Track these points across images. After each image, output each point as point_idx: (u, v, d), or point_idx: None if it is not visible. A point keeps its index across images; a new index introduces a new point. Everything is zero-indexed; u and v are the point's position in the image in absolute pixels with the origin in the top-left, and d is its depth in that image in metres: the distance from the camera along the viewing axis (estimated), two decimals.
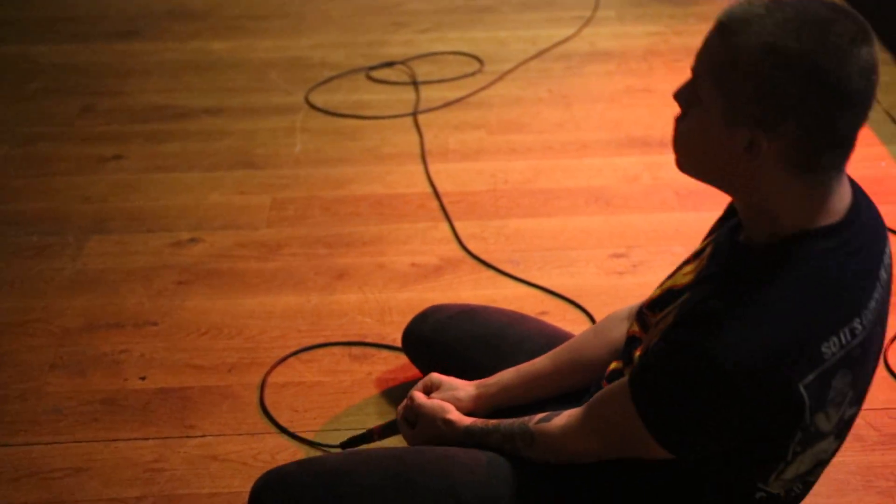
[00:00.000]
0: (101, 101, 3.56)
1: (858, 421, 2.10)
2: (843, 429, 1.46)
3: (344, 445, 2.05)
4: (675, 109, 1.41)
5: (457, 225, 2.83)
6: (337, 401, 2.25)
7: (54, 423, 2.20)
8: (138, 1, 4.39)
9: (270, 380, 2.30)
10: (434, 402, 1.82)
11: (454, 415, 1.79)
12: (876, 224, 1.43)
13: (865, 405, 2.13)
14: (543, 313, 2.47)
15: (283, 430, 2.16)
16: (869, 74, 1.27)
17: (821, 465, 1.49)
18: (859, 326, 1.35)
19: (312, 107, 3.51)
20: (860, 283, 1.37)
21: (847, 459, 2.07)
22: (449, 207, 2.90)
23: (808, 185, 1.33)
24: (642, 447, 1.45)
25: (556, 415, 1.62)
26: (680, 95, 1.40)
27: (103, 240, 2.81)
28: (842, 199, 1.36)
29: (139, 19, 4.22)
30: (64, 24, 4.19)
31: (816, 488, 1.98)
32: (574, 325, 2.39)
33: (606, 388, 1.55)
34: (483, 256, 2.70)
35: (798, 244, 1.35)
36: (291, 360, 2.37)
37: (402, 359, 2.27)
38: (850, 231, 1.36)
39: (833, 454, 1.50)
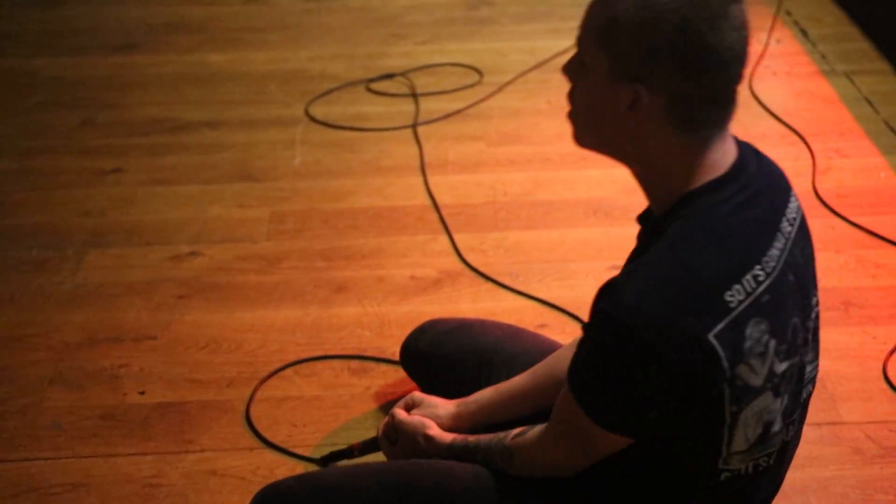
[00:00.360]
0: (100, 115, 3.56)
1: (857, 434, 2.14)
2: (780, 385, 1.44)
3: (324, 460, 2.05)
4: None
5: (456, 237, 2.83)
6: (336, 415, 2.24)
7: (53, 438, 2.19)
8: (137, 14, 4.40)
9: (269, 394, 2.30)
10: (414, 419, 1.83)
11: (435, 430, 1.80)
12: (772, 180, 1.49)
13: (864, 418, 2.17)
14: (543, 326, 2.47)
15: (268, 443, 2.15)
16: (740, 29, 1.35)
17: (770, 427, 1.46)
18: (761, 273, 1.38)
19: (312, 119, 3.51)
20: (755, 231, 1.40)
21: (846, 473, 2.07)
22: (448, 220, 2.90)
23: (691, 143, 1.39)
24: (595, 438, 1.46)
25: (532, 428, 1.63)
26: (568, 69, 1.47)
27: (102, 254, 2.81)
28: (725, 155, 1.41)
29: (138, 32, 4.23)
30: (63, 37, 4.19)
31: (814, 502, 2.00)
32: (573, 337, 2.38)
33: (562, 390, 1.55)
34: (482, 269, 2.70)
35: (686, 202, 1.40)
36: (290, 374, 2.36)
37: (402, 373, 2.27)
38: (736, 183, 1.40)
39: (785, 417, 1.48)
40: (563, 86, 1.49)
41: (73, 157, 3.30)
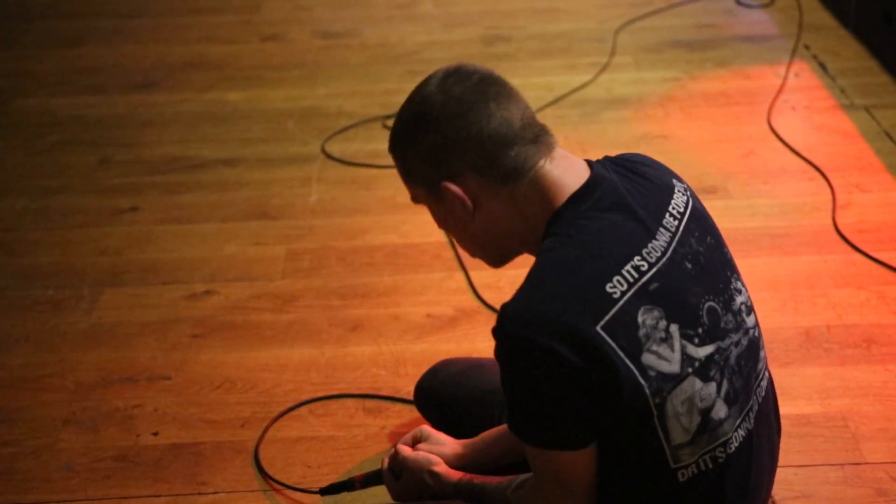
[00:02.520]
0: (117, 153, 3.57)
1: (881, 475, 2.10)
2: (707, 369, 1.46)
3: (324, 492, 2.03)
4: (692, 156, 1.42)
5: (472, 275, 2.81)
6: (350, 455, 2.22)
7: (66, 480, 2.18)
8: (155, 52, 4.42)
9: (283, 434, 2.28)
10: (420, 455, 1.83)
11: (441, 468, 1.80)
12: (648, 181, 1.56)
13: (888, 458, 2.14)
14: None
15: (277, 483, 2.13)
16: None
17: (710, 414, 1.47)
18: (644, 263, 1.44)
19: (328, 156, 3.51)
20: (629, 228, 1.47)
21: None
22: (464, 257, 2.89)
23: (527, 183, 1.51)
24: (559, 466, 1.49)
25: (529, 478, 1.62)
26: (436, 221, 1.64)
27: (118, 293, 2.80)
28: (574, 175, 1.51)
29: (156, 71, 4.24)
30: (82, 76, 4.21)
31: None
32: None
33: None
34: (499, 307, 2.67)
35: (552, 222, 1.50)
36: (305, 413, 2.34)
37: (417, 412, 2.24)
38: (595, 193, 1.49)
39: (730, 402, 1.49)
40: (580, 122, 1.53)
41: (90, 196, 3.30)
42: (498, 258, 1.66)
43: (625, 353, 1.39)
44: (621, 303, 1.41)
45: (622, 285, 1.42)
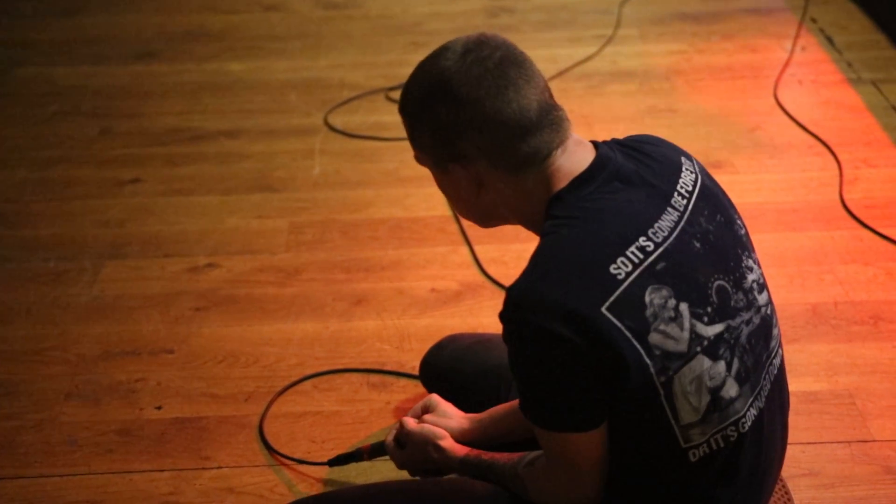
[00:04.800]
0: (118, 124, 3.53)
1: (888, 452, 2.09)
2: (717, 348, 1.45)
3: (332, 463, 2.03)
4: (698, 130, 1.41)
5: (477, 249, 2.79)
6: (355, 431, 2.21)
7: (69, 454, 2.17)
8: (156, 22, 4.38)
9: (287, 409, 2.27)
10: (426, 427, 1.82)
11: (447, 442, 1.79)
12: (656, 161, 1.54)
13: (894, 436, 2.11)
14: None
15: (283, 457, 2.12)
16: (523, 88, 1.46)
17: (720, 393, 1.46)
18: (650, 244, 1.42)
19: (331, 128, 3.48)
20: (635, 209, 1.45)
21: (879, 493, 2.02)
22: (469, 231, 2.86)
23: (535, 173, 1.47)
24: (569, 447, 1.48)
25: (541, 456, 1.60)
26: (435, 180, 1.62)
27: (120, 265, 2.78)
28: (580, 160, 1.49)
29: (156, 41, 4.20)
30: (82, 45, 4.17)
31: None
32: None
33: None
34: (504, 281, 2.66)
35: (553, 204, 1.48)
36: (309, 388, 2.33)
37: (422, 387, 2.22)
38: (601, 175, 1.47)
39: (741, 382, 1.48)
40: (585, 95, 1.51)
41: (91, 167, 3.28)
42: (489, 224, 1.65)
43: (631, 333, 1.38)
44: (626, 283, 1.39)
45: (627, 266, 1.40)
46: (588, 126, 3.42)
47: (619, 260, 1.40)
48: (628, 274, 1.40)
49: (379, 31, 4.26)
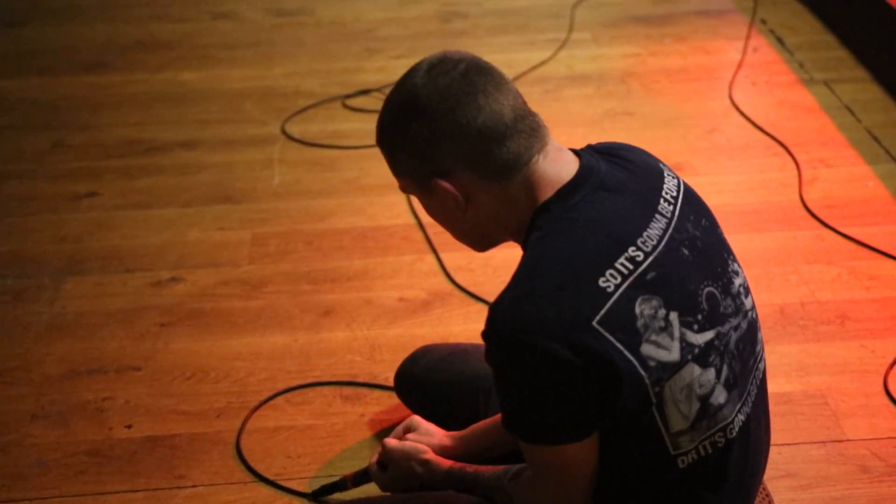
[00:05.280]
0: (71, 136, 3.48)
1: (863, 451, 2.11)
2: (707, 355, 1.44)
3: (316, 494, 2.00)
4: (657, 132, 1.40)
5: (443, 257, 2.78)
6: (331, 445, 2.18)
7: (38, 477, 2.12)
8: (105, 32, 4.31)
9: (260, 424, 2.24)
10: (408, 444, 1.81)
11: (431, 456, 1.78)
12: (639, 168, 1.54)
13: (869, 435, 2.14)
14: None
15: (261, 478, 2.09)
16: (494, 95, 1.45)
17: (709, 400, 1.46)
18: (639, 254, 1.41)
19: (289, 137, 3.45)
20: (622, 218, 1.44)
21: (856, 493, 2.03)
22: (434, 238, 2.85)
23: (518, 179, 1.46)
24: (556, 460, 1.46)
25: (525, 467, 1.59)
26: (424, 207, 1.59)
27: (81, 281, 2.73)
28: (564, 167, 1.47)
29: (107, 51, 4.14)
30: (29, 58, 4.10)
31: None
32: None
33: None
34: (472, 289, 2.65)
35: (539, 214, 1.46)
36: (281, 402, 2.30)
37: (395, 398, 2.21)
38: (586, 184, 1.46)
39: (730, 388, 1.48)
40: (543, 99, 1.51)
41: (45, 181, 3.22)
42: (485, 245, 1.62)
43: (624, 346, 1.37)
44: (616, 296, 1.38)
45: (616, 278, 1.39)
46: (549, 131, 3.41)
47: (607, 272, 1.39)
48: (617, 286, 1.38)
49: (332, 38, 4.24)
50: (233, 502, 2.05)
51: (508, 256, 2.75)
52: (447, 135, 1.45)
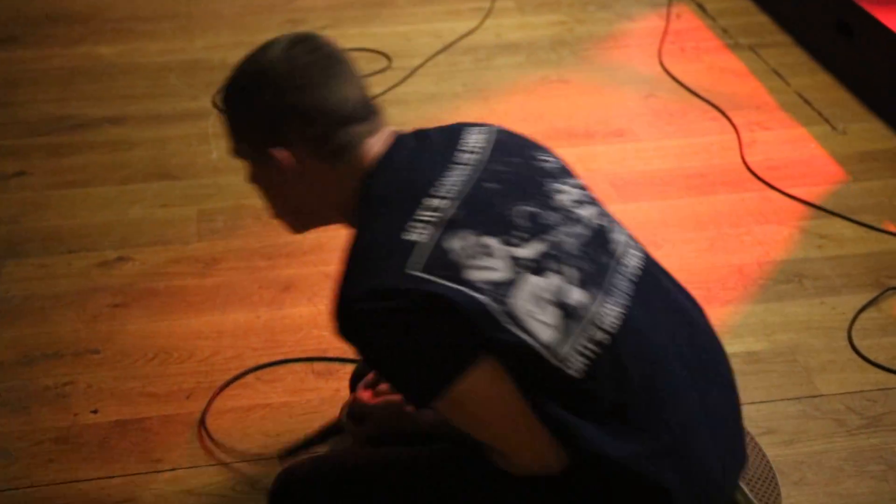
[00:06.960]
0: None
1: (837, 405, 2.15)
2: (540, 264, 1.49)
3: (283, 456, 1.96)
4: (594, 98, 1.41)
5: None
6: (309, 421, 2.13)
7: (5, 467, 2.03)
8: (12, 4, 4.13)
9: (234, 404, 2.18)
10: (389, 398, 1.80)
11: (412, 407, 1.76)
12: (440, 132, 1.65)
13: (841, 389, 2.19)
14: None
15: (224, 455, 2.04)
16: (344, 82, 1.55)
17: (567, 301, 1.48)
18: (436, 200, 1.50)
19: (221, 111, 3.35)
20: (418, 178, 1.54)
21: (836, 446, 2.07)
22: None
23: (346, 164, 1.56)
24: (469, 408, 1.48)
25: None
26: (247, 169, 1.65)
27: (22, 264, 2.62)
28: (382, 150, 1.58)
29: (15, 24, 3.97)
30: None
31: (811, 477, 2.00)
32: None
33: None
34: None
35: (361, 200, 1.56)
36: (252, 381, 2.24)
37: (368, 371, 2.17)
38: (393, 157, 1.56)
39: (588, 286, 1.50)
40: (475, 68, 1.52)
41: None
42: (303, 225, 1.72)
43: (445, 279, 1.43)
44: (425, 242, 1.45)
45: (421, 226, 1.47)
46: (484, 100, 3.40)
47: (407, 225, 1.47)
48: (423, 233, 1.46)
49: (252, 9, 4.13)
50: (216, 484, 1.99)
51: None
52: (295, 110, 1.53)
